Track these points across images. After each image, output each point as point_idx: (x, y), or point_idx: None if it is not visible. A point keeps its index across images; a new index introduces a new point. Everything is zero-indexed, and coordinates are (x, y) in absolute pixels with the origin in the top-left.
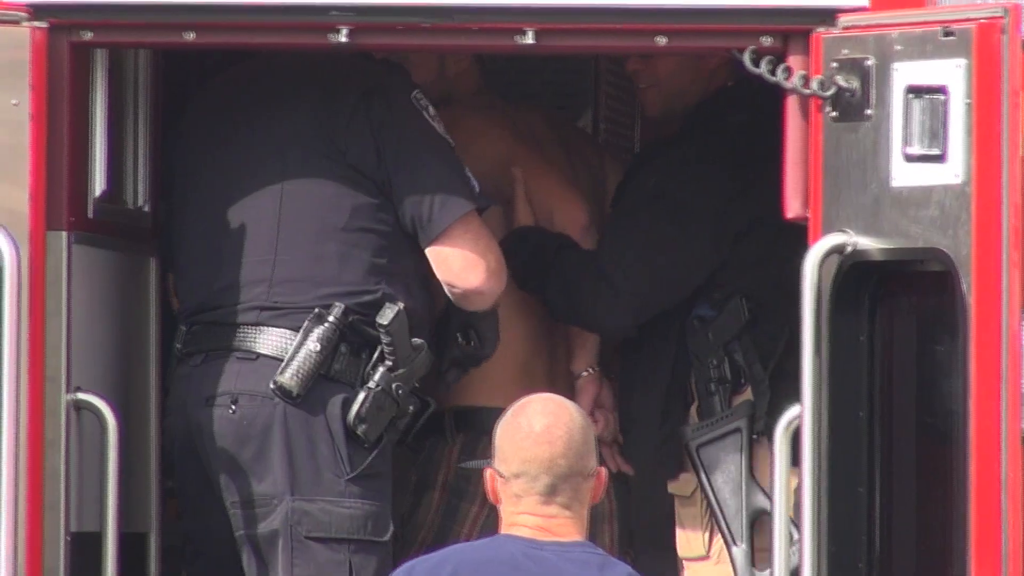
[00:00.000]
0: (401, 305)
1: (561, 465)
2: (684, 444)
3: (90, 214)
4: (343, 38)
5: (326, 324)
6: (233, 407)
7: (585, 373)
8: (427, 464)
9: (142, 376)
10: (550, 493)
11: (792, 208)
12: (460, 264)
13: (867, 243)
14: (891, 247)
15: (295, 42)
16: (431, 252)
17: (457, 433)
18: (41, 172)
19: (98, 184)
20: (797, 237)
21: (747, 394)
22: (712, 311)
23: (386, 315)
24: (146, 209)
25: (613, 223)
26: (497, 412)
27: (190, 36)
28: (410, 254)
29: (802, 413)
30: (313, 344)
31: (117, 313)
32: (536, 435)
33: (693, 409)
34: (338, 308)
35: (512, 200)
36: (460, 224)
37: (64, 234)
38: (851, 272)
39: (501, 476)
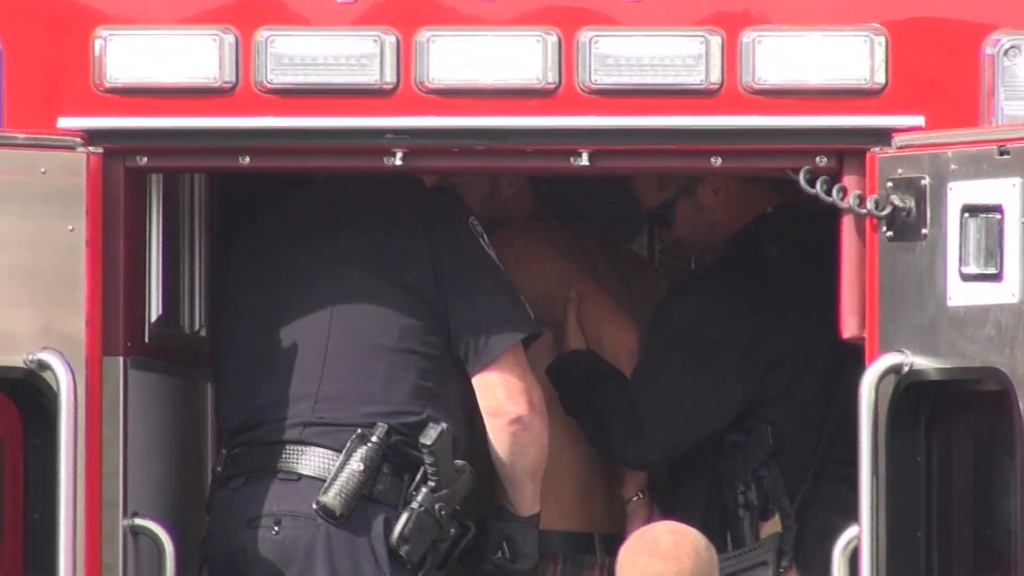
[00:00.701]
0: (444, 426)
1: None
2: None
3: (146, 339)
4: (398, 161)
5: (369, 444)
6: (276, 528)
7: (635, 498)
8: None
9: (198, 500)
10: None
11: (848, 328)
12: (505, 393)
13: (924, 363)
14: (948, 366)
15: (350, 165)
16: (477, 380)
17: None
18: (97, 297)
19: (154, 309)
20: (825, 372)
21: (775, 521)
22: (742, 436)
23: (429, 435)
24: (202, 333)
25: (643, 359)
26: (559, 535)
27: (245, 160)
28: (456, 380)
29: (860, 533)
30: (356, 464)
31: (173, 437)
32: (663, 551)
33: (728, 535)
34: (381, 428)
35: (563, 323)
36: (510, 353)
37: (120, 359)
38: (908, 392)
39: None
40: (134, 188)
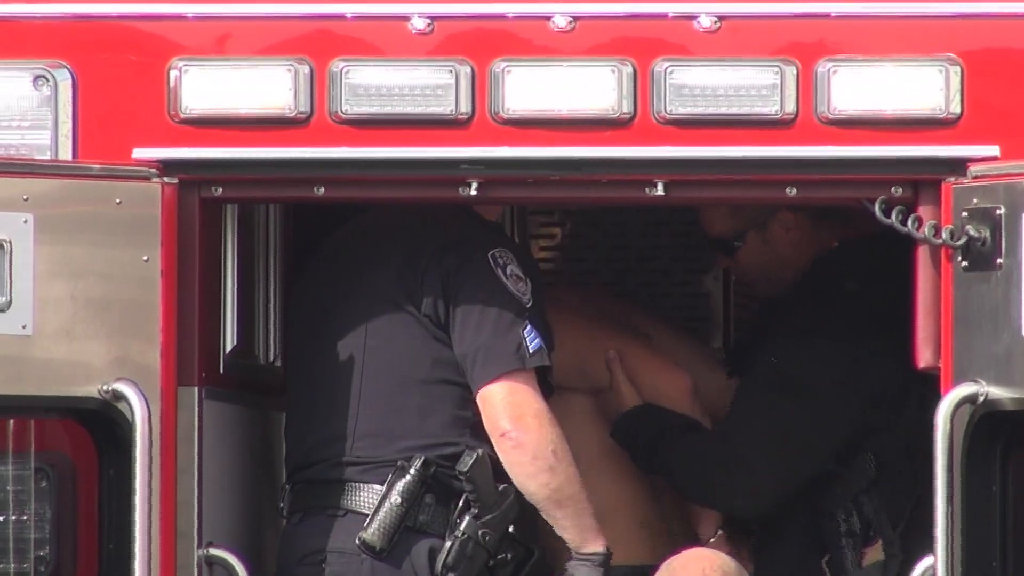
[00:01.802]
0: (480, 451)
1: None
2: None
3: (221, 369)
4: (473, 191)
5: (407, 477)
6: (324, 565)
7: (714, 539)
8: None
9: (273, 530)
10: None
11: (924, 358)
12: (494, 410)
13: (999, 392)
14: (1023, 396)
15: (425, 196)
16: (478, 400)
17: None
18: (172, 328)
19: (229, 339)
20: (920, 399)
21: (878, 547)
22: (839, 467)
23: (465, 462)
24: (277, 364)
25: (741, 405)
26: (619, 569)
27: (320, 191)
28: None
29: (935, 564)
30: (396, 498)
31: (248, 468)
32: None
33: (824, 561)
34: (418, 460)
35: (612, 383)
36: (501, 380)
37: (196, 389)
38: (983, 422)
39: None
40: (209, 218)
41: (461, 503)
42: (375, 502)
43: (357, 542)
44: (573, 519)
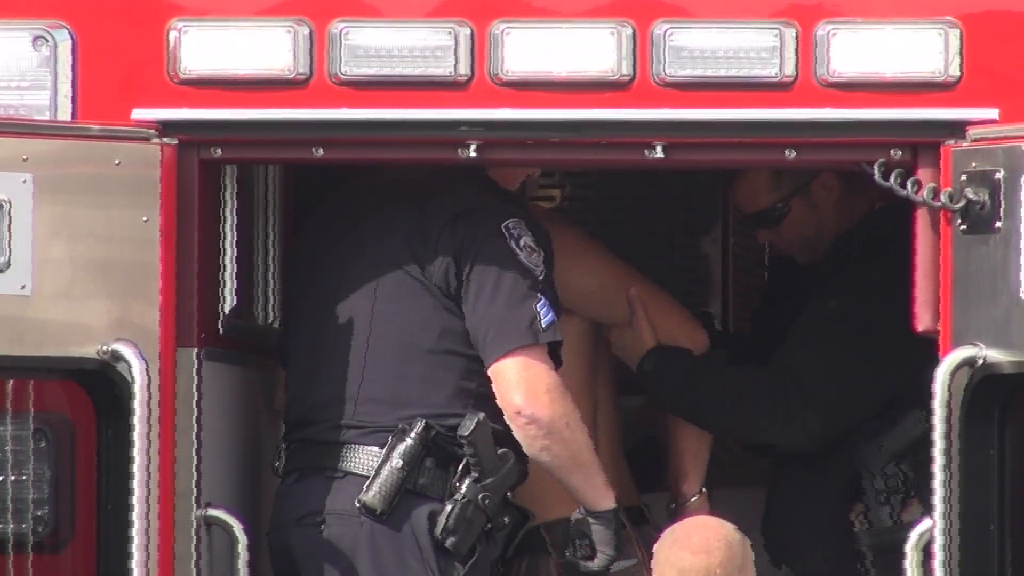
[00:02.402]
0: (482, 415)
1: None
2: (858, 549)
3: (220, 330)
4: (472, 153)
5: (408, 440)
6: (322, 527)
7: (695, 497)
8: None
9: (271, 491)
10: None
11: (922, 321)
12: (506, 386)
13: (997, 356)
14: (1022, 359)
15: (424, 157)
16: (490, 374)
17: (555, 546)
18: (171, 289)
19: (228, 300)
20: None
21: (915, 506)
22: (876, 423)
23: (467, 425)
24: (276, 325)
25: (800, 340)
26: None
27: (319, 152)
28: None
29: (933, 527)
30: (396, 461)
31: (247, 428)
32: (694, 545)
33: (855, 516)
34: (420, 423)
35: (634, 321)
36: (516, 352)
37: (194, 351)
38: (981, 385)
39: None
40: (208, 179)
41: (461, 467)
42: (375, 465)
43: (357, 504)
44: (585, 481)
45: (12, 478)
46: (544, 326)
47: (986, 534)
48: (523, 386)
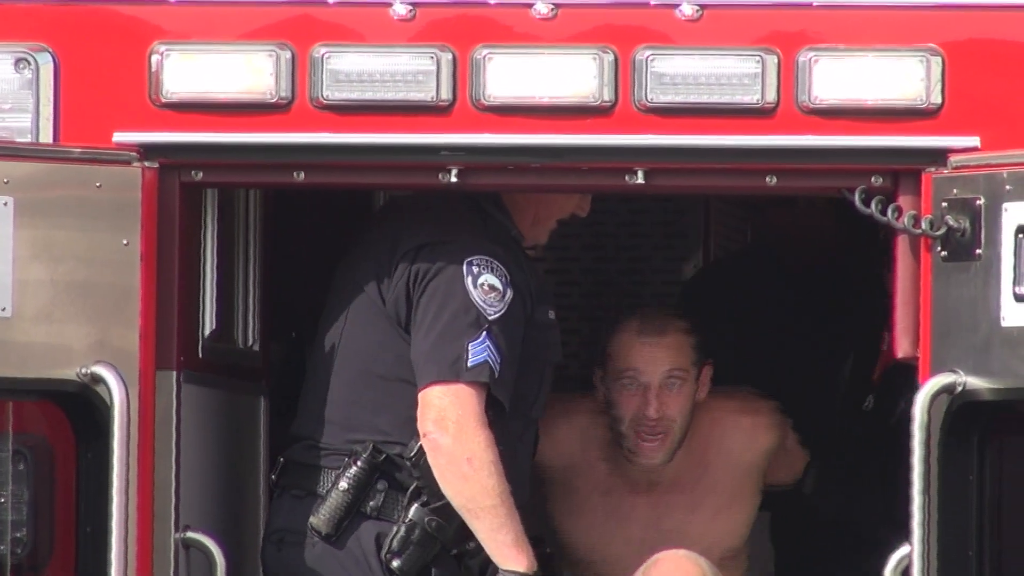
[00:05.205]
0: None
1: None
2: None
3: (200, 353)
4: (453, 178)
5: (356, 465)
6: (281, 545)
7: None
8: None
9: (251, 513)
10: None
11: (902, 347)
12: (421, 411)
13: (977, 383)
14: (1001, 387)
15: (405, 183)
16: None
17: None
18: (151, 312)
19: (208, 324)
20: None
21: None
22: None
23: (412, 447)
24: (256, 348)
25: None
26: None
27: (300, 176)
28: None
29: (911, 553)
30: (343, 484)
31: (226, 452)
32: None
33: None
34: (368, 447)
35: None
36: (436, 385)
37: (174, 373)
38: (961, 411)
39: None
40: (189, 203)
41: (411, 490)
42: (329, 486)
43: (309, 525)
44: (488, 532)
45: None
46: (469, 365)
47: (965, 560)
48: (433, 412)
